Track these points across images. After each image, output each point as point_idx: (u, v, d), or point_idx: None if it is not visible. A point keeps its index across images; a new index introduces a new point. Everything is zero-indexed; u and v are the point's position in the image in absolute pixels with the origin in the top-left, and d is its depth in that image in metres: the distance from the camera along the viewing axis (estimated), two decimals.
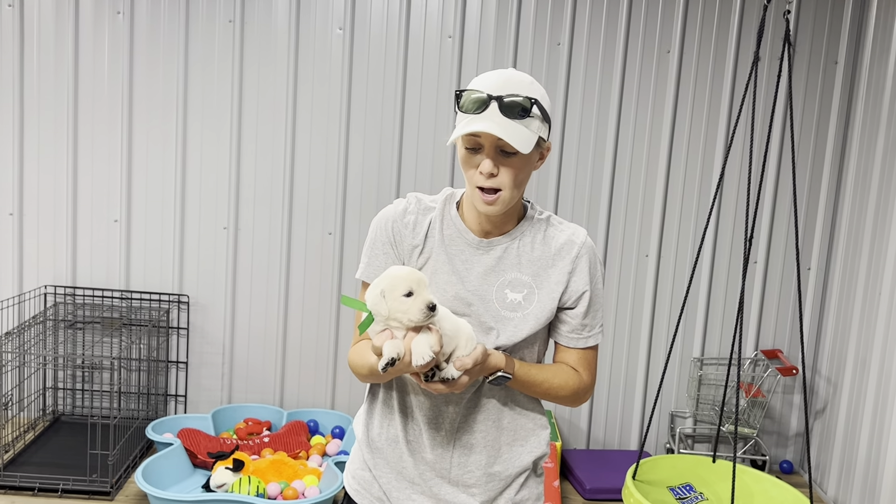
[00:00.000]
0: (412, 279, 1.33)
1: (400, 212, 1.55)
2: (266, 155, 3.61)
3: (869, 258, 3.37)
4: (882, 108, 3.34)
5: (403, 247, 1.53)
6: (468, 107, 1.42)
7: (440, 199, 1.57)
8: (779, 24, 3.58)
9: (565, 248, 1.53)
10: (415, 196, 1.58)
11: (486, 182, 1.43)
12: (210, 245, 3.66)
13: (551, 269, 1.52)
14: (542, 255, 1.53)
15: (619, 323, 3.79)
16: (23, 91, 3.53)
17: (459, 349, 1.39)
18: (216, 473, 3.03)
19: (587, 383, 1.58)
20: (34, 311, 3.58)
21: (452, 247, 1.52)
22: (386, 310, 1.33)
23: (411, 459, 1.53)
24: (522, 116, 1.41)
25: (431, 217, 1.54)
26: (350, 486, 1.63)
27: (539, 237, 1.54)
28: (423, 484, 1.53)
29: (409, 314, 1.31)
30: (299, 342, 3.74)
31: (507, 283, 1.51)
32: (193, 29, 3.53)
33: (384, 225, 1.55)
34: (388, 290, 1.33)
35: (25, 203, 3.60)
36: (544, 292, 1.51)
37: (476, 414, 1.52)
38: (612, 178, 3.68)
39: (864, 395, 3.32)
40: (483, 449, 1.52)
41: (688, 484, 2.71)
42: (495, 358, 1.45)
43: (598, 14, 3.58)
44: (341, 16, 3.55)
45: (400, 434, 1.54)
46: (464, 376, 1.37)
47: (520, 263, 1.52)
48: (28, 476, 3.04)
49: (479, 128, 1.39)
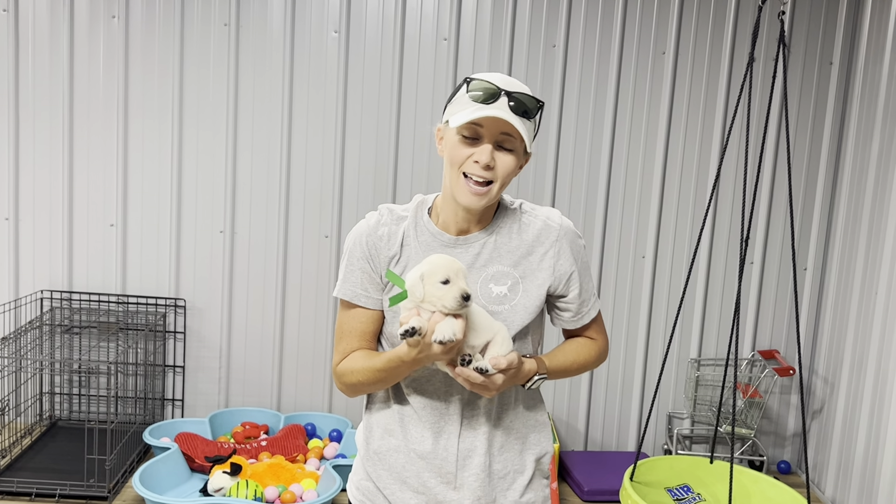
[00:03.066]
0: (451, 268, 1.36)
1: (373, 225, 1.54)
2: (262, 158, 3.61)
3: (865, 258, 3.38)
4: (877, 107, 3.35)
5: (380, 259, 1.52)
6: (478, 96, 1.42)
7: (412, 207, 1.56)
8: (773, 24, 3.59)
9: (543, 233, 1.53)
10: (386, 207, 1.57)
11: (480, 172, 1.43)
12: (206, 249, 3.66)
13: (532, 257, 1.52)
14: (520, 243, 1.53)
15: (616, 325, 3.79)
16: (18, 95, 3.53)
17: (495, 346, 1.41)
18: (214, 477, 3.02)
19: (604, 346, 1.66)
20: (31, 316, 3.57)
21: (430, 250, 1.52)
22: (422, 293, 1.35)
23: (413, 468, 1.53)
24: (526, 116, 1.43)
25: (405, 226, 1.54)
26: (355, 498, 1.62)
27: (515, 227, 1.54)
28: (427, 492, 1.53)
29: (443, 300, 1.34)
30: (296, 345, 3.74)
31: (490, 276, 1.50)
32: (189, 32, 3.53)
33: (358, 240, 1.54)
34: (428, 275, 1.36)
35: (21, 207, 3.59)
36: (529, 281, 1.51)
37: (477, 416, 1.52)
38: (608, 179, 3.68)
39: (861, 395, 3.32)
40: (485, 450, 1.52)
41: (685, 485, 2.71)
42: (529, 364, 1.47)
43: (593, 16, 3.58)
44: (336, 19, 3.55)
45: (401, 443, 1.54)
46: (499, 374, 1.38)
47: (499, 255, 1.52)
48: (25, 481, 3.04)
49: (495, 114, 1.39)
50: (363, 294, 1.53)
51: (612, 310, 3.78)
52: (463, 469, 1.52)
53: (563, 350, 1.60)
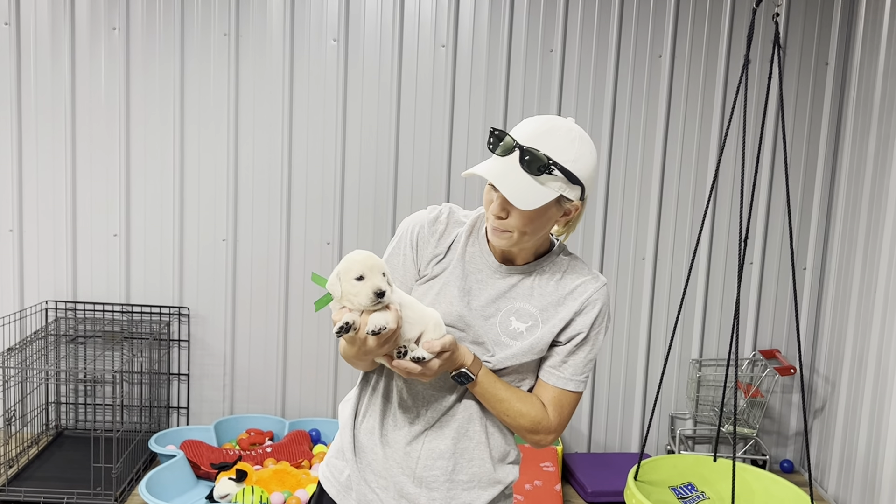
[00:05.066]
0: (366, 264, 1.36)
1: (431, 219, 1.56)
2: (263, 166, 3.64)
3: (864, 257, 3.40)
4: (873, 107, 3.37)
5: (424, 254, 1.55)
6: (496, 145, 1.42)
7: (472, 216, 1.57)
8: (768, 26, 3.62)
9: (579, 289, 1.52)
10: (448, 207, 1.59)
11: (493, 221, 1.45)
12: (209, 257, 3.68)
13: (560, 307, 1.52)
14: (554, 291, 1.53)
15: (617, 326, 3.81)
16: (20, 108, 3.55)
17: (428, 332, 1.42)
18: (219, 484, 3.04)
19: (551, 424, 1.53)
20: (35, 327, 3.59)
21: (471, 265, 1.53)
22: (339, 291, 1.36)
23: (382, 453, 1.54)
24: (540, 172, 1.38)
25: (459, 231, 1.55)
26: (322, 474, 1.64)
27: (557, 276, 1.54)
28: (388, 478, 1.54)
29: (358, 297, 1.34)
30: (300, 352, 3.76)
31: (514, 311, 1.51)
32: (189, 43, 3.55)
33: (412, 228, 1.56)
34: (343, 273, 1.36)
35: (25, 219, 3.62)
36: (547, 327, 1.51)
37: (451, 420, 1.53)
38: (606, 182, 3.71)
39: (862, 393, 3.34)
40: (451, 455, 1.53)
41: (689, 483, 2.72)
42: (463, 354, 1.46)
43: (589, 20, 3.61)
44: (335, 27, 3.57)
45: (377, 425, 1.55)
46: (435, 359, 1.39)
47: (531, 296, 1.52)
48: (33, 490, 3.05)
49: (482, 172, 1.40)
50: (398, 277, 1.55)
51: (614, 312, 3.79)
52: (427, 469, 1.52)
53: (508, 384, 1.52)
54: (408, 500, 1.53)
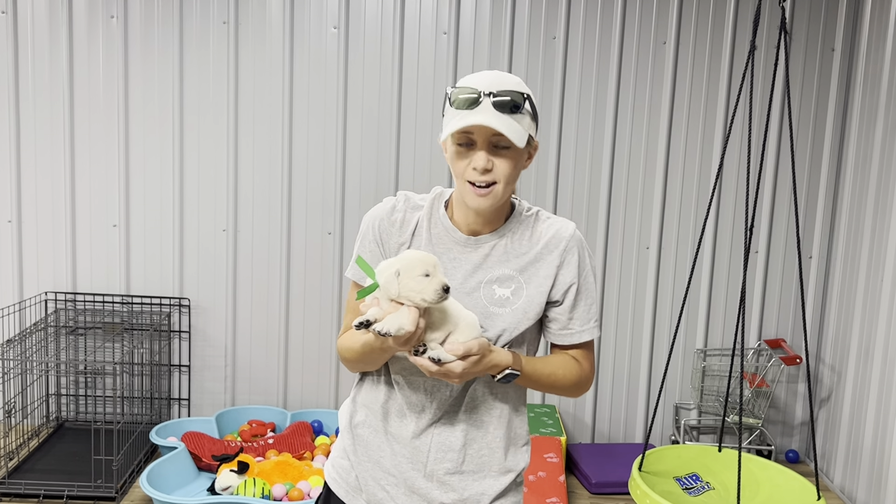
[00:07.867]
0: (429, 262, 1.38)
1: (388, 210, 1.56)
2: (263, 156, 3.61)
3: (870, 245, 3.36)
4: (880, 93, 3.33)
5: (390, 245, 1.55)
6: (460, 104, 1.42)
7: (429, 198, 1.58)
8: (775, 12, 3.58)
9: (553, 241, 1.52)
10: (404, 194, 1.59)
11: (480, 177, 1.43)
12: (210, 247, 3.65)
13: (539, 264, 1.52)
14: (529, 249, 1.52)
15: (621, 316, 3.78)
16: (18, 97, 3.53)
17: (457, 333, 1.40)
18: (221, 476, 3.02)
19: (588, 373, 1.58)
20: (35, 318, 3.57)
21: (440, 245, 1.53)
22: (396, 290, 1.36)
23: (389, 449, 1.53)
24: (514, 112, 1.42)
25: (419, 215, 1.55)
26: (328, 475, 1.63)
27: (527, 233, 1.54)
28: (398, 475, 1.53)
29: (423, 294, 1.35)
30: (301, 342, 3.74)
31: (495, 279, 1.51)
32: (188, 31, 3.52)
33: (372, 223, 1.57)
34: (405, 271, 1.36)
35: (24, 210, 3.59)
36: (532, 286, 1.51)
37: (458, 412, 1.52)
38: (610, 170, 3.67)
39: (869, 383, 3.31)
40: (461, 447, 1.52)
41: (694, 474, 2.70)
42: (501, 356, 1.44)
43: (593, 7, 3.57)
44: (335, 14, 3.54)
45: (381, 423, 1.54)
46: (457, 362, 1.37)
47: (507, 260, 1.52)
48: (33, 483, 3.04)
49: (475, 121, 1.39)
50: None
51: (618, 302, 3.77)
52: (437, 462, 1.51)
53: (544, 358, 1.54)
54: (419, 495, 1.52)
